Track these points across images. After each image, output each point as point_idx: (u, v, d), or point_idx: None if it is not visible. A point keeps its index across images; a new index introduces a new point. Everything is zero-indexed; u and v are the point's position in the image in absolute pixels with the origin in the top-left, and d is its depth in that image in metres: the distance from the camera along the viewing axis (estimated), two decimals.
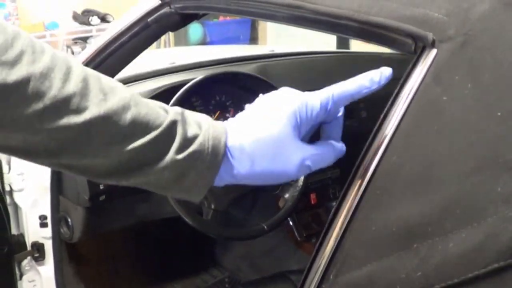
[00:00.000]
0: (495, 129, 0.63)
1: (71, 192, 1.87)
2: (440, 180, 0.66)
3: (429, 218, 0.66)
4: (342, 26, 0.87)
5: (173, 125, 0.78)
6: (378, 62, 0.74)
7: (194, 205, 1.64)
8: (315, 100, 0.81)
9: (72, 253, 2.16)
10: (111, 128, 0.75)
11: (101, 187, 1.78)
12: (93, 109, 0.73)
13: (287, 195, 1.78)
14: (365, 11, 0.81)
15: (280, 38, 5.29)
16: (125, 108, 0.76)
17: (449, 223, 0.63)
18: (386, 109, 0.75)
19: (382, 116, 0.75)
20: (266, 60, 2.29)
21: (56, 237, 1.95)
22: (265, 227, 1.72)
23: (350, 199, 0.75)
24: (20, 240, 1.92)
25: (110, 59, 1.52)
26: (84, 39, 5.23)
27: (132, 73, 1.98)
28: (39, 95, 0.70)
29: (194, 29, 5.64)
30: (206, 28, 5.70)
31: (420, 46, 0.75)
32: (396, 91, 0.74)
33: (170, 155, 0.77)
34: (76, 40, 5.25)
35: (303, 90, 0.83)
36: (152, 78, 2.02)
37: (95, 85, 0.75)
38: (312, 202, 2.13)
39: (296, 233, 2.13)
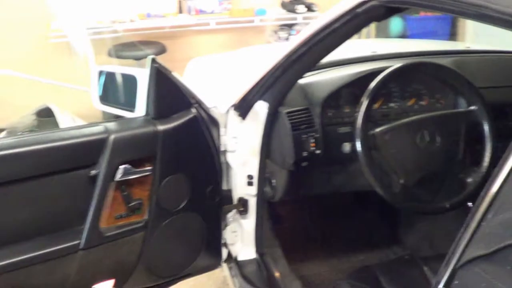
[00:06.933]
0: None
1: (277, 157, 2.11)
2: None
3: None
4: None
5: None
6: None
7: (386, 179, 1.84)
8: None
9: (271, 211, 2.39)
10: None
11: (304, 154, 2.02)
12: None
13: (469, 180, 1.92)
14: None
15: (479, 37, 5.24)
16: None
17: None
18: None
19: None
20: (462, 55, 2.40)
21: (260, 195, 2.21)
22: (447, 205, 1.87)
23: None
24: (228, 194, 2.19)
25: (321, 43, 1.70)
26: (290, 26, 5.52)
27: (337, 58, 2.18)
28: None
29: (396, 23, 5.73)
30: (407, 22, 5.78)
31: None
32: None
33: None
34: (282, 26, 5.55)
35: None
36: (357, 64, 2.22)
37: None
38: None
39: None
